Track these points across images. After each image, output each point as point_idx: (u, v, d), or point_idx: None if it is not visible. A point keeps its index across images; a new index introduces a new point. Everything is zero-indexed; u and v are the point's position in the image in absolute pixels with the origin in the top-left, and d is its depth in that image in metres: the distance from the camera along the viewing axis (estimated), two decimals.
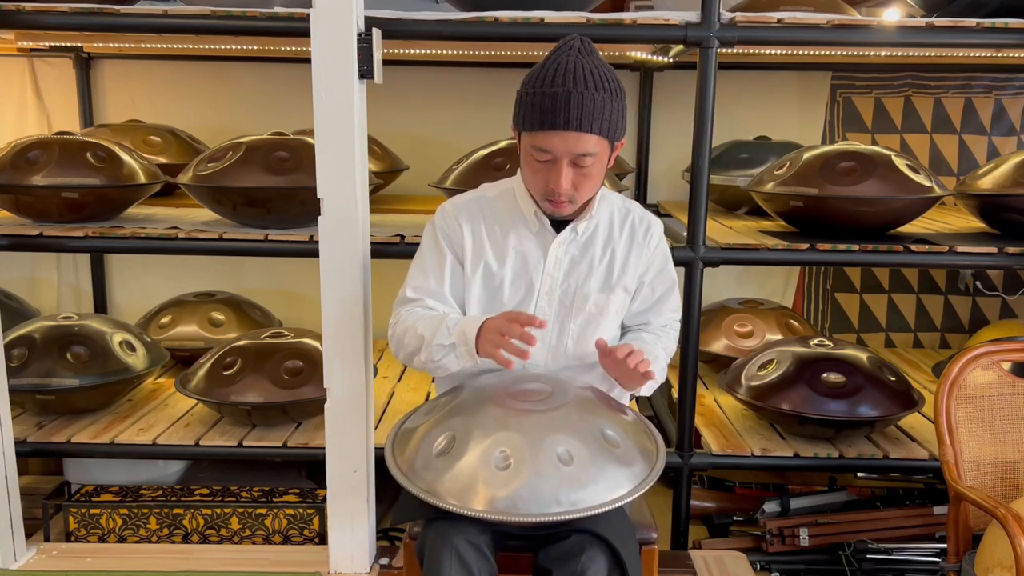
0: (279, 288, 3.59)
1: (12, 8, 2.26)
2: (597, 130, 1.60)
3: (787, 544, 2.62)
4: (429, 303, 1.79)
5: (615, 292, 1.79)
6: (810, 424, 2.55)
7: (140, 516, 2.53)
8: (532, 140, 1.63)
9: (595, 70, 1.61)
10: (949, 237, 2.63)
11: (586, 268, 1.78)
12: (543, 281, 1.77)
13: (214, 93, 3.55)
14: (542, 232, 1.77)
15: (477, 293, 1.79)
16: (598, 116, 1.59)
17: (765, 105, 3.55)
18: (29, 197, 2.50)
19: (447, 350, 1.68)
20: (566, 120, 1.57)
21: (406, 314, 1.77)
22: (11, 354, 2.59)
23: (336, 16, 2.03)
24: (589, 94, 1.58)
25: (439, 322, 1.70)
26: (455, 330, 1.67)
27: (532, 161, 1.66)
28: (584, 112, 1.58)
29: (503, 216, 1.79)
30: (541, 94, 1.59)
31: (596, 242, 1.79)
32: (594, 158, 1.63)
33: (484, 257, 1.77)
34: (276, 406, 2.59)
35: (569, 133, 1.58)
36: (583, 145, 1.60)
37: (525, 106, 1.63)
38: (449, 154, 3.05)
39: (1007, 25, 2.31)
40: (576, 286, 1.78)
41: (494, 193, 1.83)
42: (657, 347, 1.83)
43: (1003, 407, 2.02)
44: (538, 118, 1.60)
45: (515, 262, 1.77)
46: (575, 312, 1.78)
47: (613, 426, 1.61)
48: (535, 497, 1.46)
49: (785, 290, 3.67)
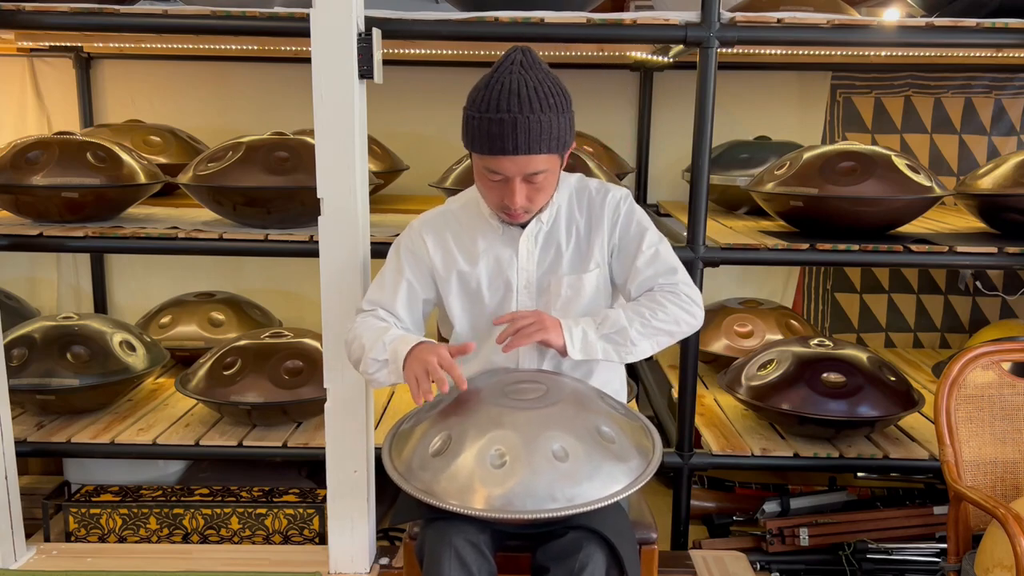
0: (279, 288, 3.59)
1: (12, 8, 2.26)
2: (546, 150, 1.62)
3: (787, 544, 2.62)
4: (380, 314, 1.82)
5: (587, 271, 1.78)
6: (810, 424, 2.55)
7: (140, 516, 2.54)
8: (483, 163, 1.66)
9: (539, 87, 1.61)
10: (949, 237, 2.63)
11: (555, 254, 1.79)
12: (519, 276, 1.79)
13: (214, 93, 3.55)
14: (508, 231, 1.79)
15: (457, 300, 1.81)
16: (546, 136, 1.60)
17: (765, 105, 3.55)
18: (29, 197, 2.51)
19: (380, 365, 1.71)
20: (515, 146, 1.59)
21: (359, 322, 1.81)
22: (11, 354, 2.59)
23: (336, 16, 2.03)
24: (535, 117, 1.59)
25: (379, 335, 1.72)
26: (390, 346, 1.69)
27: (486, 180, 1.69)
28: (532, 136, 1.59)
29: (469, 224, 1.82)
30: (488, 120, 1.60)
31: (560, 225, 1.80)
32: (546, 172, 1.66)
33: (456, 266, 1.80)
34: (276, 406, 2.59)
35: (519, 157, 1.61)
36: (534, 165, 1.63)
37: (472, 129, 1.64)
38: (449, 154, 3.05)
39: (1007, 25, 2.31)
40: (549, 273, 1.79)
41: (458, 204, 1.87)
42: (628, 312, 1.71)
43: (1003, 407, 2.02)
44: (487, 144, 1.61)
45: (488, 264, 1.79)
46: (552, 299, 1.78)
47: (608, 422, 1.61)
48: (531, 494, 1.46)
49: (785, 290, 3.67)
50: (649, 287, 1.77)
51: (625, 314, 1.72)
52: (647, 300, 1.75)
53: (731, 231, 2.77)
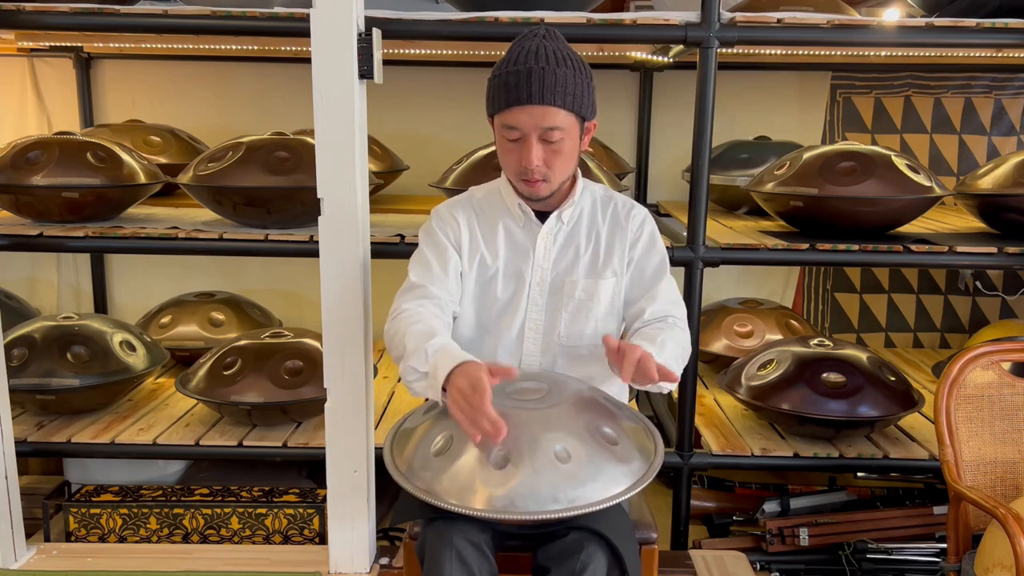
0: (279, 288, 3.60)
1: (12, 8, 2.26)
2: (561, 103, 1.63)
3: (787, 544, 2.62)
4: (433, 290, 1.76)
5: (603, 277, 1.79)
6: (810, 424, 2.55)
7: (140, 516, 2.53)
8: (502, 120, 1.67)
9: (558, 51, 1.65)
10: (949, 237, 2.63)
11: (573, 255, 1.80)
12: (533, 272, 1.79)
13: (214, 93, 3.55)
14: (528, 224, 1.80)
15: (471, 286, 1.81)
16: (560, 89, 1.62)
17: (765, 105, 3.55)
18: (29, 197, 2.51)
19: (419, 376, 1.60)
20: (528, 94, 1.61)
21: (406, 313, 1.71)
22: (11, 354, 2.59)
23: (336, 16, 2.03)
24: (551, 68, 1.62)
25: (422, 341, 1.60)
26: (432, 359, 1.58)
27: (504, 142, 1.70)
28: (546, 85, 1.61)
29: (491, 213, 1.83)
30: (506, 74, 1.64)
31: (581, 229, 1.81)
32: (563, 132, 1.66)
33: (480, 250, 1.81)
34: (276, 406, 2.59)
35: (534, 107, 1.62)
36: (549, 118, 1.63)
37: (492, 89, 1.68)
38: (449, 154, 3.05)
39: (1007, 25, 2.31)
40: (564, 274, 1.80)
41: (482, 193, 1.88)
42: (663, 333, 1.72)
43: (1003, 407, 2.02)
44: (503, 96, 1.64)
45: (506, 255, 1.80)
46: (565, 300, 1.79)
47: (611, 424, 1.61)
48: (533, 495, 1.46)
49: (785, 290, 3.67)
50: (664, 315, 1.79)
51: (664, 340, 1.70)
52: (666, 327, 1.75)
53: (731, 231, 2.77)
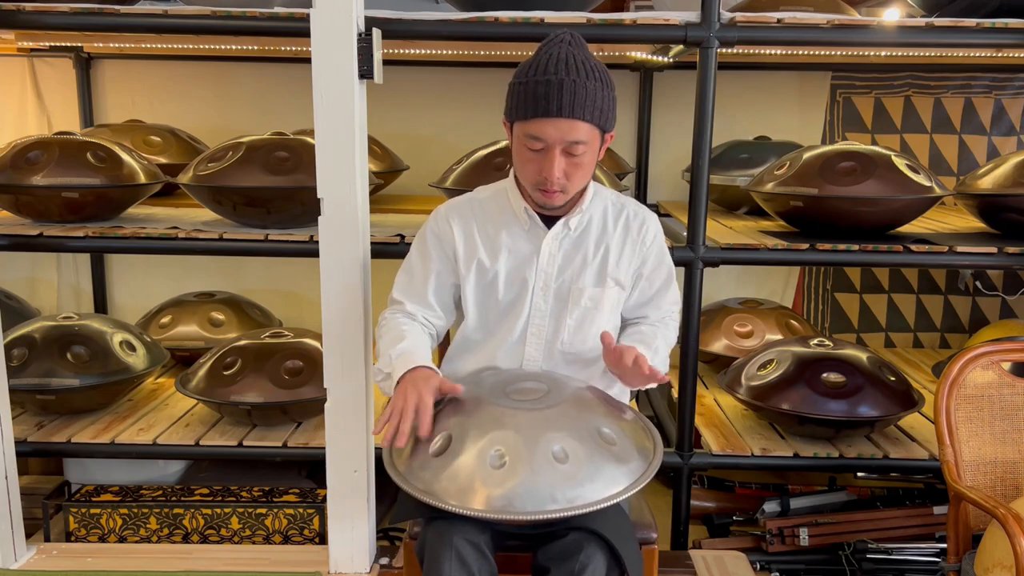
0: (279, 288, 3.60)
1: (12, 8, 2.26)
2: (589, 118, 1.62)
3: (787, 544, 2.62)
4: (409, 307, 1.84)
5: (610, 286, 1.80)
6: (810, 424, 2.55)
7: (140, 516, 2.54)
8: (525, 129, 1.65)
9: (586, 61, 1.64)
10: (949, 237, 2.63)
11: (580, 263, 1.79)
12: (537, 277, 1.79)
13: (214, 93, 3.55)
14: (533, 229, 1.79)
15: (473, 290, 1.81)
16: (590, 104, 1.62)
17: (765, 105, 3.55)
18: (29, 197, 2.51)
19: (384, 376, 1.73)
20: (559, 107, 1.60)
21: (388, 319, 1.83)
22: (11, 354, 2.59)
23: (336, 16, 2.03)
24: (581, 82, 1.61)
25: (391, 344, 1.73)
26: (395, 361, 1.70)
27: (524, 151, 1.68)
28: (576, 99, 1.60)
29: (495, 215, 1.82)
30: (534, 82, 1.62)
31: (590, 237, 1.80)
32: (586, 146, 1.65)
33: (477, 255, 1.80)
34: (276, 406, 2.59)
35: (562, 120, 1.61)
36: (575, 132, 1.62)
37: (517, 95, 1.65)
38: (449, 154, 3.05)
39: (1007, 25, 2.31)
40: (571, 281, 1.79)
41: (487, 194, 1.87)
42: (657, 339, 1.83)
43: (1003, 407, 2.02)
44: (531, 106, 1.62)
45: (508, 259, 1.79)
46: (571, 307, 1.79)
47: (609, 424, 1.61)
48: (531, 495, 1.46)
49: (785, 290, 3.67)
50: (663, 317, 1.90)
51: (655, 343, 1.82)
52: (662, 326, 1.89)
53: (731, 231, 2.77)
